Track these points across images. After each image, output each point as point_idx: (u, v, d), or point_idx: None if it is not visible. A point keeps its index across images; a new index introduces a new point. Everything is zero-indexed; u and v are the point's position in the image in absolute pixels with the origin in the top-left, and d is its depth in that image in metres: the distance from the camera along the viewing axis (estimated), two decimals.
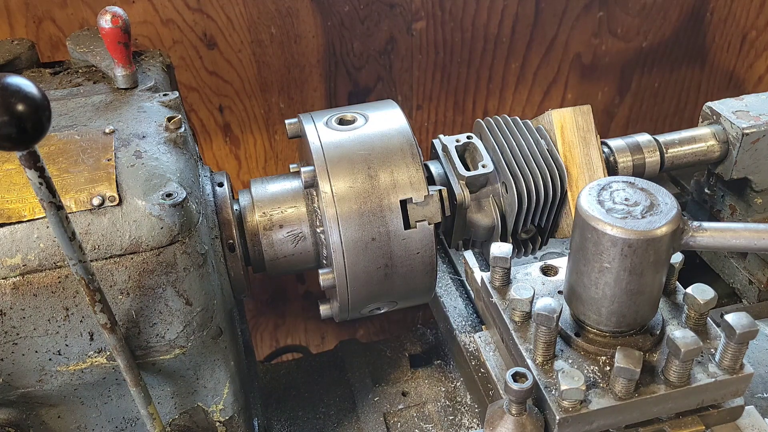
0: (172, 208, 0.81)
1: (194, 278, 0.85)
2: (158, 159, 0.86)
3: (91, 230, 0.80)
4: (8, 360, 0.82)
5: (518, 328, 0.87)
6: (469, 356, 1.12)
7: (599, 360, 0.83)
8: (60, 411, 0.93)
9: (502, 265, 0.92)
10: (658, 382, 0.81)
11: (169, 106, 0.98)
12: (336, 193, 0.92)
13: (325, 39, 1.57)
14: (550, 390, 0.80)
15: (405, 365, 1.32)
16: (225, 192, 1.00)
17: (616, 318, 0.82)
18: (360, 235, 0.92)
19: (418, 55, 1.66)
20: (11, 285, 0.78)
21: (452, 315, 1.23)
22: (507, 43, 1.70)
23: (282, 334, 2.08)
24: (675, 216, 0.76)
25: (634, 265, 0.76)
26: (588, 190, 0.79)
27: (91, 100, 0.98)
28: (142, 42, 1.45)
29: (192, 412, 0.98)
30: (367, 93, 1.69)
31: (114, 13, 0.95)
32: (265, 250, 1.00)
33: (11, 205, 0.80)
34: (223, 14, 1.47)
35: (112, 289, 0.81)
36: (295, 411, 1.28)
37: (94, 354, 0.85)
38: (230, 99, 1.60)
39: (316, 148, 0.95)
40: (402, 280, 0.97)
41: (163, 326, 0.85)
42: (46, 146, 0.86)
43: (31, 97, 0.57)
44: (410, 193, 0.93)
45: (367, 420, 1.22)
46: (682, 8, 1.73)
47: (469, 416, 1.20)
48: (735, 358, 0.81)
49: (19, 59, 1.06)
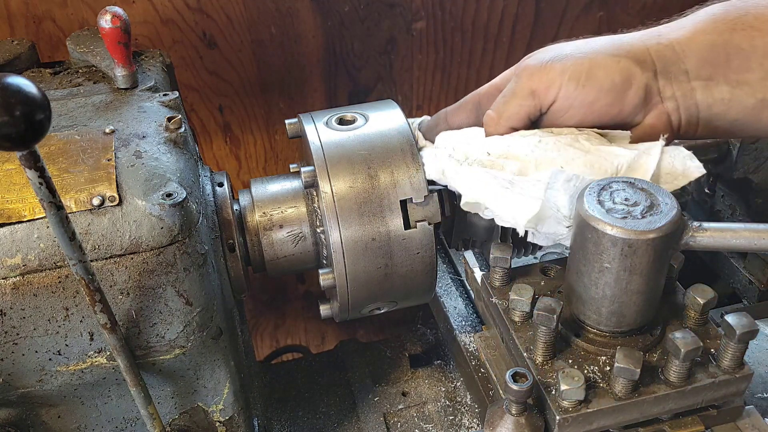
0: (172, 208, 0.81)
1: (194, 278, 0.85)
2: (158, 159, 0.86)
3: (91, 230, 0.80)
4: (8, 360, 0.82)
5: (518, 328, 0.87)
6: (469, 356, 1.12)
7: (599, 360, 0.83)
8: (60, 411, 0.93)
9: (502, 265, 0.92)
10: (658, 382, 0.81)
11: (169, 106, 0.98)
12: (336, 193, 0.92)
13: (325, 39, 1.57)
14: (550, 390, 0.80)
15: (405, 365, 1.32)
16: (225, 192, 1.00)
17: (616, 318, 0.82)
18: (360, 235, 0.92)
19: (418, 55, 1.66)
20: (11, 285, 0.78)
21: (452, 315, 1.23)
22: (507, 43, 1.70)
23: (282, 334, 2.08)
24: (675, 216, 0.76)
25: (634, 265, 0.76)
26: (588, 190, 0.79)
27: (91, 100, 0.98)
28: (142, 42, 1.45)
29: (192, 412, 0.98)
30: (367, 93, 1.69)
31: (114, 13, 0.95)
32: (265, 250, 1.00)
33: (11, 205, 0.80)
34: (223, 14, 1.47)
35: (112, 289, 0.81)
36: (295, 411, 1.28)
37: (94, 354, 0.85)
38: (230, 99, 1.60)
39: (316, 148, 0.95)
40: (402, 280, 0.97)
41: (163, 326, 0.85)
42: (46, 146, 0.86)
43: (31, 97, 0.57)
44: (410, 193, 0.93)
45: (367, 420, 1.22)
46: (682, 8, 1.73)
47: (469, 416, 1.20)
48: (735, 358, 0.81)
49: (19, 59, 1.06)
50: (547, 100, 0.87)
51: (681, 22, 0.88)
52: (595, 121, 0.88)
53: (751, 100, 0.83)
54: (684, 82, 0.85)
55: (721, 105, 0.85)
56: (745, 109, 0.84)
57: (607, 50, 0.86)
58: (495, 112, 0.91)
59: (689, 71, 0.85)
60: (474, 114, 0.98)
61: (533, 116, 0.90)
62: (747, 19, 0.82)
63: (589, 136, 0.88)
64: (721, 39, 0.83)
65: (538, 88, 0.87)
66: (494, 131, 0.91)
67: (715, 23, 0.84)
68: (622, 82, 0.85)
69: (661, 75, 0.86)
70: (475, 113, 0.98)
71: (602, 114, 0.87)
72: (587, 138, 0.87)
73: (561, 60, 0.86)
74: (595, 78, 0.85)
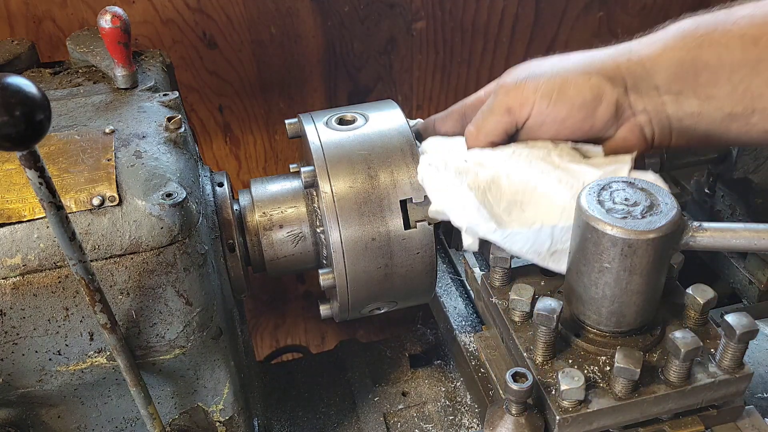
0: (172, 208, 0.81)
1: (194, 278, 0.85)
2: (158, 159, 0.86)
3: (91, 230, 0.80)
4: (8, 360, 0.82)
5: (518, 328, 0.87)
6: (469, 356, 1.12)
7: (599, 360, 0.83)
8: (60, 411, 0.93)
9: (502, 265, 0.92)
10: (658, 382, 0.81)
11: (169, 106, 0.98)
12: (336, 193, 0.92)
13: (325, 39, 1.57)
14: (550, 390, 0.80)
15: (405, 365, 1.32)
16: (225, 192, 1.00)
17: (616, 318, 0.82)
18: (360, 235, 0.92)
19: (418, 55, 1.66)
20: (11, 285, 0.78)
21: (452, 315, 1.23)
22: (507, 43, 1.70)
23: (282, 334, 2.08)
24: (675, 216, 0.76)
25: (634, 265, 0.76)
26: (588, 190, 0.79)
27: (91, 100, 0.98)
28: (142, 42, 1.45)
29: (192, 412, 0.98)
30: (367, 93, 1.69)
31: (114, 13, 0.95)
32: (265, 250, 1.00)
33: (11, 205, 0.80)
34: (223, 14, 1.47)
35: (112, 289, 0.81)
36: (295, 411, 1.28)
37: (94, 354, 0.85)
38: (230, 99, 1.60)
39: (316, 148, 0.95)
40: (402, 280, 0.97)
41: (163, 326, 0.85)
42: (46, 146, 0.86)
43: (31, 97, 0.57)
44: (410, 193, 0.93)
45: (367, 420, 1.22)
46: (682, 8, 1.72)
47: (469, 416, 1.20)
48: (735, 358, 0.81)
49: (19, 59, 1.06)
50: (522, 116, 0.91)
51: (651, 37, 0.90)
52: (569, 135, 0.91)
53: (719, 113, 0.85)
54: (654, 97, 0.88)
55: (691, 118, 0.87)
56: (714, 122, 0.87)
57: (579, 68, 0.89)
58: (474, 127, 0.95)
59: (659, 86, 0.87)
60: (459, 123, 1.02)
61: (510, 131, 0.93)
62: (714, 36, 0.84)
63: (562, 152, 0.91)
64: (689, 55, 0.85)
65: (513, 105, 0.91)
66: (474, 145, 0.95)
67: (684, 39, 0.86)
68: (592, 98, 0.88)
69: (631, 90, 0.88)
70: (460, 123, 1.01)
71: (575, 129, 0.91)
72: (559, 154, 0.90)
73: (535, 78, 0.90)
74: (566, 95, 0.88)
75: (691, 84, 0.85)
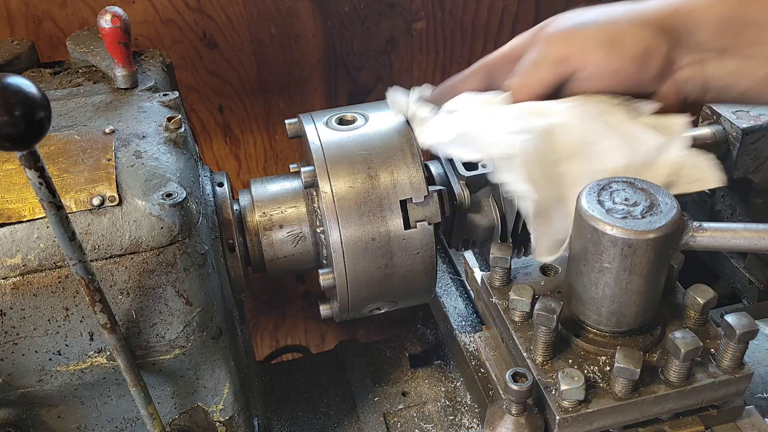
0: (172, 208, 0.81)
1: (194, 278, 0.85)
2: (158, 159, 0.86)
3: (91, 230, 0.80)
4: (8, 360, 0.82)
5: (518, 328, 0.87)
6: (469, 356, 1.12)
7: (599, 360, 0.83)
8: (60, 411, 0.93)
9: (502, 265, 0.92)
10: (658, 382, 0.81)
11: (169, 106, 0.98)
12: (336, 193, 0.92)
13: (325, 39, 1.57)
14: (550, 390, 0.80)
15: (405, 365, 1.32)
16: (225, 192, 1.00)
17: (616, 318, 0.82)
18: (360, 235, 0.92)
19: (418, 55, 1.66)
20: (11, 285, 0.78)
21: (452, 315, 1.23)
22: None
23: (282, 334, 2.08)
24: (675, 216, 0.76)
25: (634, 265, 0.76)
26: (588, 190, 0.79)
27: (91, 100, 0.98)
28: (142, 42, 1.45)
29: (192, 412, 0.98)
30: (367, 93, 1.69)
31: (114, 13, 0.95)
32: (265, 250, 1.00)
33: (11, 205, 0.80)
34: (223, 14, 1.47)
35: (112, 289, 0.81)
36: (295, 411, 1.28)
37: (94, 354, 0.85)
38: (230, 99, 1.60)
39: (316, 148, 0.95)
40: (402, 280, 0.97)
41: (163, 326, 0.85)
42: (46, 146, 0.86)
43: (31, 97, 0.57)
44: (410, 193, 0.93)
45: (367, 420, 1.22)
46: None
47: (469, 416, 1.20)
48: (735, 358, 0.81)
49: (19, 59, 1.06)
50: (572, 67, 0.86)
51: None
52: (618, 88, 0.87)
53: (761, 72, 0.83)
54: (696, 53, 0.85)
55: (731, 77, 0.85)
56: (752, 82, 0.84)
57: (630, 18, 0.85)
58: (521, 79, 0.90)
59: (703, 42, 0.84)
60: (485, 83, 0.96)
61: (558, 83, 0.89)
62: None
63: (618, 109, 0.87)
64: (734, 11, 0.83)
65: (562, 56, 0.86)
66: (520, 98, 0.90)
67: None
68: (645, 50, 0.84)
69: (677, 45, 0.85)
70: (486, 82, 0.96)
71: (625, 82, 0.87)
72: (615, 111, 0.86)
73: (584, 27, 0.86)
74: (620, 46, 0.84)
75: (735, 41, 0.83)
